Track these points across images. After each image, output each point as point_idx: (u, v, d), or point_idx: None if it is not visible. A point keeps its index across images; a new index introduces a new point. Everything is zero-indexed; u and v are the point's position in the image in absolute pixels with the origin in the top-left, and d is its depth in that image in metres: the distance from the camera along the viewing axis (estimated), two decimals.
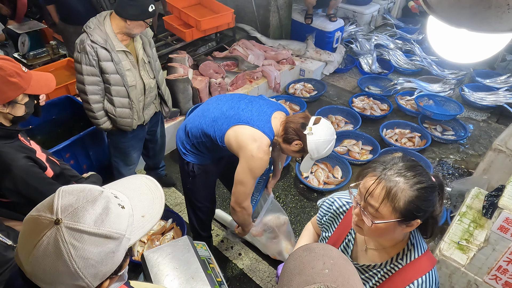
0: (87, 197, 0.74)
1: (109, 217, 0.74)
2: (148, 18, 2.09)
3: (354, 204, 1.04)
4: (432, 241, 2.72)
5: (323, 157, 1.95)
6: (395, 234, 1.02)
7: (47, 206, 0.73)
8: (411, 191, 0.94)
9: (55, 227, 0.69)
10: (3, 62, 1.30)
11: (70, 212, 0.71)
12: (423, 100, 4.05)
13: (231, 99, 1.91)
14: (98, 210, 0.73)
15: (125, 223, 0.77)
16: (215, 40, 4.64)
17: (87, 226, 0.71)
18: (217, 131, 1.81)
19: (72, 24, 3.47)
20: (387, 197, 0.95)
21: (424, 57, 4.86)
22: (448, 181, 3.26)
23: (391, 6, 6.13)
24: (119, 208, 0.77)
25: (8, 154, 1.35)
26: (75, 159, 2.71)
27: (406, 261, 1.05)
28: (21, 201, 1.44)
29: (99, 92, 2.18)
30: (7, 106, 1.33)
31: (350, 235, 1.20)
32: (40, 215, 0.72)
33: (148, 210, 0.85)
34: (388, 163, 0.99)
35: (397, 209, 0.95)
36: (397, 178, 0.95)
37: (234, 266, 2.53)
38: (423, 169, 0.99)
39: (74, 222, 0.70)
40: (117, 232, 0.74)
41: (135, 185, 0.88)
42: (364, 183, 1.00)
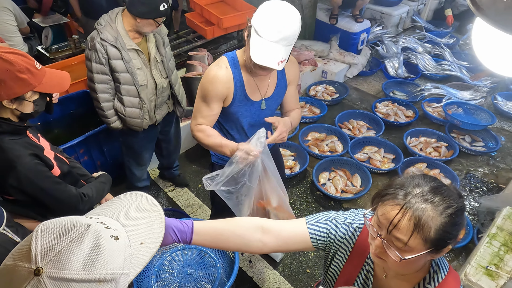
0: (71, 235, 0.61)
1: (100, 257, 0.61)
2: (159, 17, 2.02)
3: (374, 235, 0.92)
4: (456, 260, 2.55)
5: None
6: (424, 262, 0.94)
7: (24, 251, 0.60)
8: (442, 218, 0.84)
9: (36, 279, 0.57)
10: (15, 57, 1.26)
11: (52, 257, 0.58)
12: (452, 108, 3.83)
13: None
14: (86, 250, 0.60)
15: (121, 257, 0.65)
16: (236, 38, 4.55)
17: (75, 272, 0.58)
18: None
19: (94, 18, 3.43)
20: (416, 229, 0.83)
21: (454, 62, 4.62)
22: (475, 196, 3.07)
23: (421, 8, 5.88)
24: (111, 241, 0.64)
25: (13, 150, 1.32)
26: (89, 155, 2.70)
27: (435, 285, 0.96)
28: (25, 199, 1.40)
29: (109, 91, 2.13)
30: (14, 102, 1.30)
31: (368, 265, 1.08)
32: (16, 265, 0.59)
33: (148, 234, 0.73)
34: (409, 187, 0.88)
35: (428, 239, 0.84)
36: (424, 205, 0.84)
37: (243, 273, 2.44)
38: (448, 188, 0.89)
39: (58, 270, 0.58)
40: (112, 273, 0.62)
41: (128, 207, 0.76)
42: (385, 213, 0.88)
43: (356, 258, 1.10)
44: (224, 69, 1.59)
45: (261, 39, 1.39)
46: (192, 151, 3.43)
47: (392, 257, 0.87)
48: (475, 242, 2.55)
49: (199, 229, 1.01)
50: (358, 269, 1.09)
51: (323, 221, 1.13)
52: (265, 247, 1.08)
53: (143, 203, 0.78)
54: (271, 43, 1.39)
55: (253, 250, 1.09)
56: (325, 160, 3.19)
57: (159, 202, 2.97)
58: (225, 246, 1.09)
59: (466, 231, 2.65)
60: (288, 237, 1.11)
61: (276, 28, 1.37)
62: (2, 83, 1.22)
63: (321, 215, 1.16)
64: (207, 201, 2.95)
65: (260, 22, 1.39)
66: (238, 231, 1.07)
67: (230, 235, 1.06)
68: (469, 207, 2.97)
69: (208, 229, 1.03)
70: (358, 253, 1.09)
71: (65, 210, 1.46)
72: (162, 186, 3.06)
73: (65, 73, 1.45)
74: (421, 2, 5.78)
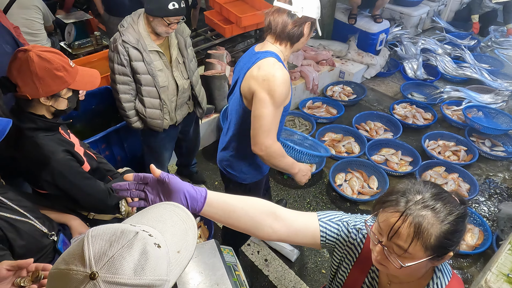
0: (122, 241, 0.63)
1: (149, 263, 0.63)
2: (169, 16, 1.95)
3: (375, 241, 0.92)
4: (474, 266, 2.52)
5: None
6: (426, 269, 0.94)
7: (77, 256, 0.62)
8: (443, 225, 0.84)
9: (92, 283, 0.59)
10: (52, 55, 1.31)
11: (106, 262, 0.61)
12: (472, 111, 3.77)
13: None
14: (136, 256, 0.63)
15: (165, 265, 0.67)
16: (254, 37, 4.56)
17: (127, 277, 0.61)
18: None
19: (116, 16, 3.52)
20: (416, 236, 0.83)
21: (475, 65, 4.54)
22: (495, 201, 3.02)
23: (441, 9, 5.78)
24: (156, 248, 0.66)
25: (48, 146, 1.37)
26: (110, 150, 2.75)
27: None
28: (57, 193, 1.45)
29: (130, 92, 2.16)
30: (51, 99, 1.35)
31: (373, 272, 1.08)
32: (70, 269, 0.61)
33: (183, 244, 0.74)
34: (410, 194, 0.88)
35: (429, 247, 0.84)
36: (423, 212, 0.84)
37: (259, 272, 2.47)
38: (449, 195, 0.89)
39: (112, 274, 0.60)
40: (159, 279, 0.64)
41: (165, 216, 0.77)
42: (386, 219, 0.88)
43: (362, 264, 1.09)
44: (285, 69, 1.55)
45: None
46: (210, 148, 3.46)
47: (392, 264, 0.88)
48: (494, 249, 2.52)
49: (212, 200, 0.96)
50: (364, 276, 1.09)
51: (335, 221, 1.12)
52: (274, 234, 1.05)
53: (177, 213, 0.79)
54: None
55: (261, 234, 1.05)
56: (342, 161, 3.19)
57: None
58: (234, 224, 1.03)
59: (484, 237, 2.63)
60: (298, 229, 1.09)
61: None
62: (41, 80, 1.27)
63: (333, 214, 1.15)
64: None
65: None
66: (251, 212, 1.02)
67: (242, 215, 1.01)
68: (489, 212, 2.93)
69: (221, 203, 0.98)
70: (364, 260, 1.08)
71: (94, 205, 1.50)
72: None
73: (95, 71, 1.49)
74: (441, 3, 5.69)
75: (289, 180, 3.16)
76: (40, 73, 1.26)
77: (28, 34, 3.23)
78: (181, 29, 2.20)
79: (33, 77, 1.26)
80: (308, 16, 1.52)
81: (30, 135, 1.35)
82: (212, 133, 3.47)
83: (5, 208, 1.19)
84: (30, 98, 1.30)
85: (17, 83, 1.28)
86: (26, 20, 3.20)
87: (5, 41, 1.81)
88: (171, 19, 1.97)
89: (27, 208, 1.27)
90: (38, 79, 1.27)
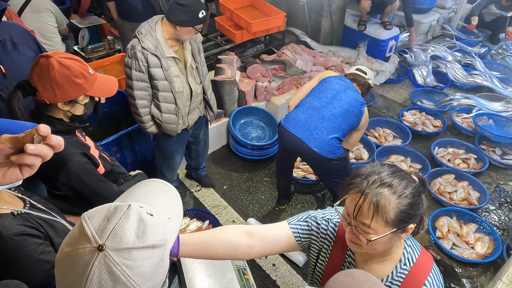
0: (118, 214, 0.69)
1: (147, 227, 0.70)
2: (198, 24, 2.05)
3: (345, 223, 1.02)
4: (484, 275, 2.50)
5: None
6: (393, 243, 1.02)
7: (80, 236, 0.67)
8: (399, 200, 0.93)
9: (102, 254, 0.64)
10: (72, 62, 1.34)
11: (109, 234, 0.66)
12: (482, 119, 3.75)
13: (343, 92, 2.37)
14: (134, 224, 0.69)
15: (161, 228, 0.74)
16: (264, 42, 4.60)
17: (132, 242, 0.67)
18: (357, 121, 2.37)
19: (130, 21, 3.59)
20: (376, 211, 0.93)
21: (485, 72, 4.51)
22: (505, 210, 2.99)
23: (452, 16, 5.76)
24: (149, 216, 0.73)
25: (65, 149, 1.38)
26: (121, 153, 2.79)
27: (410, 265, 1.05)
28: (73, 195, 1.48)
29: (147, 98, 2.20)
30: (68, 104, 1.38)
31: (349, 257, 1.16)
32: (77, 248, 0.66)
33: (172, 211, 0.82)
34: (369, 175, 0.97)
35: (389, 221, 0.93)
36: (381, 189, 0.93)
37: (267, 276, 2.47)
38: (404, 172, 0.98)
39: (117, 243, 0.65)
40: (161, 239, 0.71)
41: (148, 191, 0.83)
42: (351, 200, 0.98)
43: (338, 251, 1.17)
44: None
45: None
46: (219, 152, 3.49)
47: (361, 240, 0.96)
48: (504, 258, 2.50)
49: (185, 239, 1.04)
50: (341, 261, 1.17)
51: (303, 220, 1.22)
52: (252, 250, 1.11)
53: (159, 186, 0.86)
54: None
55: (240, 255, 1.11)
56: None
57: (185, 201, 3.05)
58: (213, 254, 1.09)
59: (495, 246, 2.60)
60: (273, 239, 1.15)
61: None
62: (59, 86, 1.31)
63: (301, 215, 1.25)
64: (232, 203, 3.00)
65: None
66: (224, 236, 1.10)
67: (216, 242, 1.08)
68: (499, 221, 2.90)
69: (194, 238, 1.06)
70: (339, 246, 1.17)
71: None
72: (189, 186, 3.13)
73: (113, 78, 1.52)
74: (452, 10, 5.67)
75: (296, 185, 3.18)
76: (59, 79, 1.30)
77: (42, 37, 3.29)
78: (195, 35, 2.24)
79: (52, 83, 1.30)
80: (371, 85, 2.52)
81: None
82: (221, 138, 3.50)
83: (38, 210, 1.23)
84: (48, 103, 1.34)
85: (37, 87, 1.32)
86: (39, 24, 3.26)
87: (29, 46, 1.86)
88: (198, 26, 2.08)
89: (54, 210, 1.30)
90: (57, 85, 1.30)
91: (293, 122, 2.34)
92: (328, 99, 2.35)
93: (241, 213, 2.91)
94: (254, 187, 3.16)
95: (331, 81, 2.43)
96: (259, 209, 2.96)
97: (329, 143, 2.25)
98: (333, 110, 2.31)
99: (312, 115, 2.32)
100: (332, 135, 2.26)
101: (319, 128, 2.27)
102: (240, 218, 2.87)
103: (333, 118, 2.29)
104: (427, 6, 5.26)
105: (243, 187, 3.15)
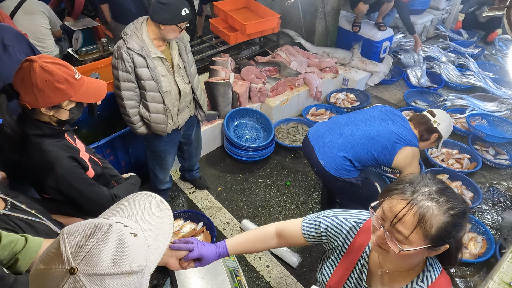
0: (97, 235, 0.66)
1: (126, 252, 0.66)
2: (181, 22, 2.05)
3: (377, 226, 0.97)
4: (477, 275, 2.51)
5: None
6: (420, 258, 0.99)
7: (54, 255, 0.65)
8: (445, 217, 0.90)
9: (72, 278, 0.62)
10: (56, 67, 1.32)
11: (84, 256, 0.63)
12: (475, 119, 3.77)
13: (380, 120, 2.27)
14: (113, 248, 0.66)
15: (143, 251, 0.71)
16: (258, 44, 4.62)
17: (106, 268, 0.64)
18: (387, 157, 2.19)
19: (123, 23, 3.56)
20: (419, 224, 0.89)
21: (479, 73, 4.54)
22: (498, 210, 3.01)
23: (445, 17, 5.80)
24: (132, 237, 0.70)
25: (53, 153, 1.39)
26: (115, 155, 2.79)
27: (427, 283, 1.01)
28: (61, 199, 1.47)
29: (135, 98, 2.20)
30: (52, 109, 1.36)
31: (363, 259, 1.13)
32: (50, 268, 0.63)
33: (160, 229, 0.79)
34: (418, 185, 0.93)
35: (428, 236, 0.90)
36: (429, 203, 0.90)
37: (260, 278, 2.47)
38: (454, 192, 0.94)
39: (91, 267, 0.63)
40: (138, 265, 0.68)
41: (138, 206, 0.81)
42: (392, 206, 0.93)
43: (352, 253, 1.16)
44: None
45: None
46: (213, 154, 3.49)
47: (392, 248, 0.93)
48: (497, 257, 2.51)
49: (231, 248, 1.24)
50: (353, 264, 1.15)
51: (314, 218, 1.24)
52: (277, 245, 1.31)
53: (151, 201, 0.83)
54: None
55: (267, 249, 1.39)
56: None
57: (179, 203, 3.04)
58: (252, 251, 1.35)
59: (488, 245, 2.61)
60: (290, 237, 1.27)
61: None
62: (41, 92, 1.28)
63: (316, 213, 1.27)
64: (226, 204, 2.99)
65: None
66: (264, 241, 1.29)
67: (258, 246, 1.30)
68: (492, 221, 2.92)
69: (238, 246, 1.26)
70: (355, 249, 1.15)
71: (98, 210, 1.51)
72: (183, 187, 3.13)
73: (102, 83, 1.49)
74: (445, 11, 5.72)
75: (291, 186, 3.18)
76: (40, 84, 1.27)
77: (35, 40, 3.27)
78: (181, 35, 2.24)
79: (34, 88, 1.27)
80: (439, 130, 2.22)
81: (36, 141, 1.37)
82: (215, 139, 3.50)
83: (20, 211, 1.22)
84: (29, 108, 1.32)
85: (20, 92, 1.30)
86: (32, 26, 3.24)
87: (21, 49, 1.85)
88: (182, 24, 2.07)
89: (39, 210, 1.30)
90: (38, 90, 1.28)
91: (313, 131, 2.36)
92: (356, 120, 2.28)
93: (235, 215, 2.91)
94: (248, 188, 3.15)
95: (375, 108, 2.35)
96: (253, 210, 2.96)
97: (336, 160, 2.19)
98: (355, 131, 2.23)
99: (332, 129, 2.29)
100: (342, 154, 2.19)
101: (331, 143, 2.23)
102: (234, 220, 2.87)
103: (350, 138, 2.21)
104: (421, 7, 5.30)
105: (237, 189, 3.15)
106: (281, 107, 3.73)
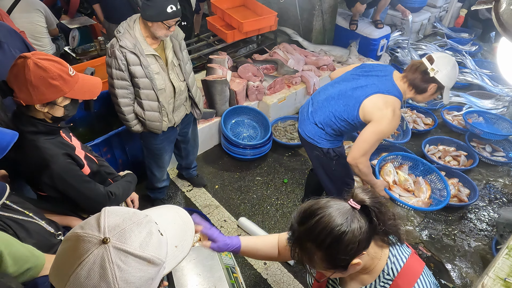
0: (133, 219, 0.74)
1: (152, 242, 0.73)
2: (168, 19, 2.02)
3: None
4: (473, 270, 2.52)
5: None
6: (364, 262, 0.98)
7: (94, 224, 0.72)
8: (322, 252, 0.93)
9: (103, 246, 0.68)
10: (50, 63, 1.31)
11: (118, 232, 0.70)
12: (472, 116, 3.78)
13: (347, 80, 2.09)
14: (143, 233, 0.72)
15: (165, 250, 0.76)
16: (256, 42, 4.61)
17: (134, 248, 0.70)
18: (351, 112, 1.99)
19: (115, 23, 3.55)
20: (309, 263, 0.97)
21: (476, 70, 4.55)
22: (495, 207, 3.02)
23: (443, 15, 5.80)
24: (159, 234, 0.76)
25: (48, 150, 1.39)
26: (112, 154, 2.78)
27: (394, 275, 1.03)
28: (57, 196, 1.47)
29: (129, 96, 2.20)
30: (46, 106, 1.35)
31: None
32: (86, 233, 0.70)
33: (181, 241, 0.84)
34: (294, 227, 0.98)
35: (324, 267, 0.95)
36: (306, 244, 0.94)
37: (258, 275, 2.48)
38: (324, 212, 0.93)
39: (121, 242, 0.69)
40: (159, 258, 0.73)
41: (168, 215, 0.87)
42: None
43: None
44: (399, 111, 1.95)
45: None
46: (210, 152, 3.49)
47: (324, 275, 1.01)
48: (493, 253, 2.52)
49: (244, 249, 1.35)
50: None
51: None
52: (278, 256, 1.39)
53: (180, 214, 0.90)
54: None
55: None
56: None
57: (177, 201, 3.04)
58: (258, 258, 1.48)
59: (432, 190, 2.60)
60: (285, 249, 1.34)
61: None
62: (35, 88, 1.28)
63: None
64: (224, 202, 3.00)
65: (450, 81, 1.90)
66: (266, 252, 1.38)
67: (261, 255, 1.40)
68: (488, 217, 2.93)
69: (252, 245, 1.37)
70: None
71: (93, 207, 1.52)
72: (180, 186, 3.13)
73: (97, 80, 1.48)
74: (443, 9, 5.72)
75: (288, 184, 3.18)
76: (34, 81, 1.27)
77: (32, 38, 3.26)
78: (176, 32, 2.23)
79: (28, 84, 1.27)
80: (438, 79, 1.88)
81: (31, 138, 1.37)
82: (213, 137, 3.50)
83: (11, 210, 1.22)
84: (24, 105, 1.32)
85: (14, 88, 1.30)
86: (28, 24, 3.22)
87: (15, 46, 1.84)
88: (170, 21, 2.03)
89: (32, 210, 1.29)
90: (32, 86, 1.27)
91: (307, 102, 2.32)
92: (327, 85, 2.23)
93: (232, 213, 2.91)
94: (245, 186, 3.16)
95: (356, 69, 2.16)
96: (250, 208, 2.96)
97: (309, 126, 2.19)
98: (321, 96, 2.16)
99: (310, 99, 2.27)
100: (312, 120, 2.17)
101: (307, 112, 2.23)
102: (232, 218, 2.87)
103: (316, 104, 2.17)
104: (418, 5, 5.29)
105: (234, 187, 3.15)
106: (278, 105, 3.73)
